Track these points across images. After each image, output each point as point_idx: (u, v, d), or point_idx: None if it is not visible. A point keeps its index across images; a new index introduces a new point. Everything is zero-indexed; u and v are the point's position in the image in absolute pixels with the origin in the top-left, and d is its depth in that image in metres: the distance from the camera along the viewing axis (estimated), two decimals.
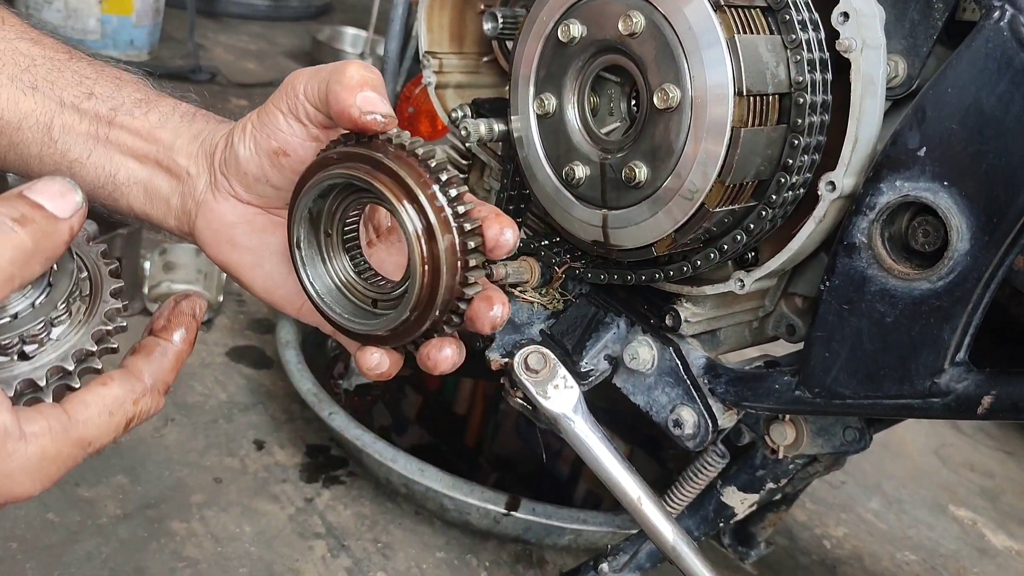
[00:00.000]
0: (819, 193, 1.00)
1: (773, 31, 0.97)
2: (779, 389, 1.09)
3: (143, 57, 4.16)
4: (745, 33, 0.95)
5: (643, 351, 1.16)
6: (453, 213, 0.72)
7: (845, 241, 0.99)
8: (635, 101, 1.09)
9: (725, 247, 1.06)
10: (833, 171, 0.99)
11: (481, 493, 1.80)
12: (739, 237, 1.05)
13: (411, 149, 0.72)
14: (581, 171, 1.10)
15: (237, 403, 2.16)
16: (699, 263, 1.09)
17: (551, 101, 1.11)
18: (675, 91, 0.97)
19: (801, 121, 0.97)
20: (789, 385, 1.08)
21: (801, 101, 0.97)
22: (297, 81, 0.77)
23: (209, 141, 0.83)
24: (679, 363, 1.14)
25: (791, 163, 0.99)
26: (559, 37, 1.07)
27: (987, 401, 0.93)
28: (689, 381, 1.14)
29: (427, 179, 0.71)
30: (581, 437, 1.09)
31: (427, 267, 0.71)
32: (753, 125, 0.96)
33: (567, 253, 1.23)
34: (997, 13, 0.88)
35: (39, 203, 0.61)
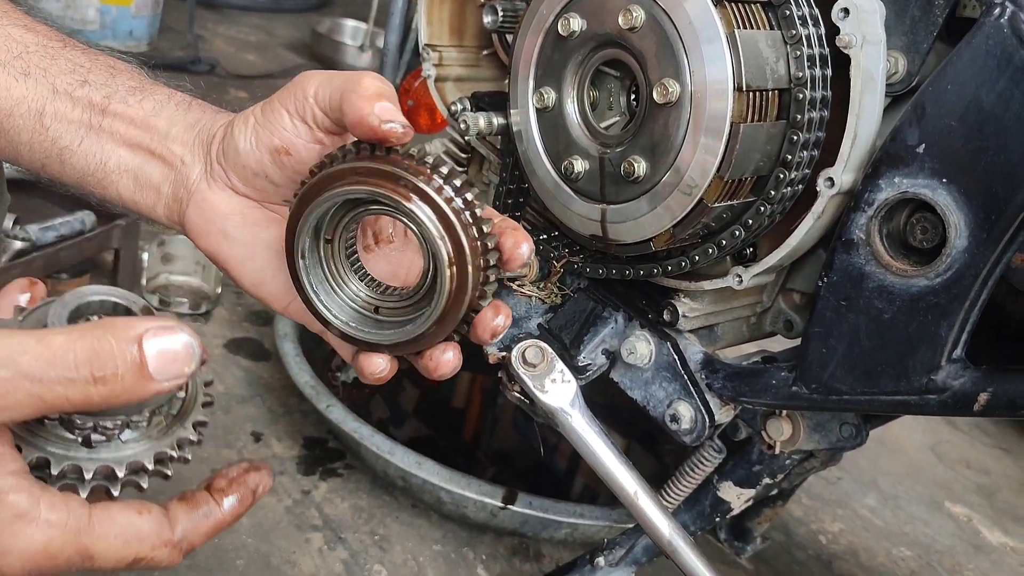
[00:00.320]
0: (818, 189, 1.00)
1: (773, 26, 0.97)
2: (776, 385, 1.09)
3: (142, 48, 4.15)
4: (745, 28, 0.95)
5: (641, 346, 1.16)
6: (479, 231, 0.73)
7: (843, 237, 0.99)
8: (635, 96, 1.08)
9: (723, 242, 1.06)
10: (832, 167, 0.99)
11: (478, 486, 1.80)
12: (737, 232, 1.05)
13: (435, 166, 0.72)
14: (580, 165, 1.10)
15: (235, 395, 2.16)
16: (697, 258, 1.09)
17: (550, 95, 1.11)
18: (675, 86, 0.97)
19: (800, 117, 0.97)
20: (786, 381, 1.08)
21: (801, 97, 0.97)
22: (308, 83, 0.76)
23: (207, 130, 0.82)
24: (677, 358, 1.15)
25: (790, 159, 0.99)
26: (559, 31, 1.07)
27: (983, 398, 0.93)
28: (686, 376, 1.14)
29: (457, 204, 0.72)
30: (578, 431, 1.09)
31: (454, 287, 0.72)
32: (752, 121, 0.96)
33: (566, 247, 1.23)
34: (997, 10, 0.88)
35: (144, 359, 0.58)
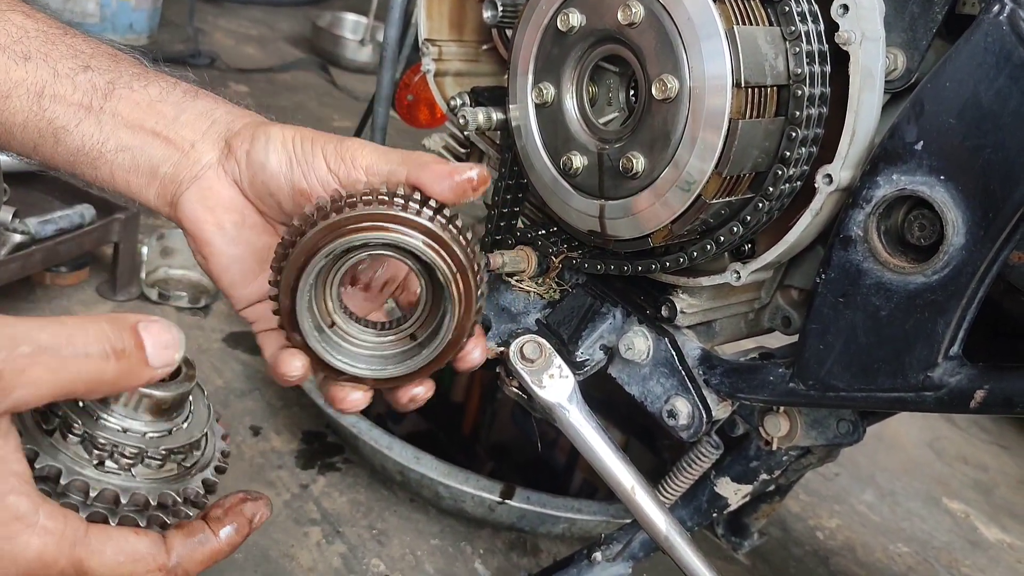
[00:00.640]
0: (816, 186, 1.00)
1: (772, 23, 0.97)
2: (774, 381, 1.09)
3: (142, 41, 4.14)
4: (744, 24, 0.95)
5: (639, 341, 1.16)
6: (465, 240, 0.76)
7: (841, 234, 0.99)
8: (633, 91, 1.08)
9: (722, 239, 1.06)
10: (830, 164, 0.99)
11: (476, 481, 1.81)
12: (736, 229, 1.05)
13: (406, 197, 0.74)
14: (579, 161, 1.10)
15: (233, 389, 2.16)
16: (695, 254, 1.09)
17: (550, 90, 1.11)
18: (673, 82, 0.97)
19: (799, 113, 0.97)
20: (784, 377, 1.08)
21: (799, 93, 0.97)
22: (358, 155, 0.78)
23: (224, 123, 0.83)
24: (674, 354, 1.15)
25: (788, 155, 0.99)
26: (558, 26, 1.07)
27: (980, 395, 0.93)
28: (684, 372, 1.14)
29: (440, 221, 0.74)
30: (576, 426, 1.09)
31: (463, 295, 0.75)
32: (751, 117, 0.96)
33: (564, 243, 1.23)
34: (997, 7, 0.88)
35: (143, 343, 0.62)
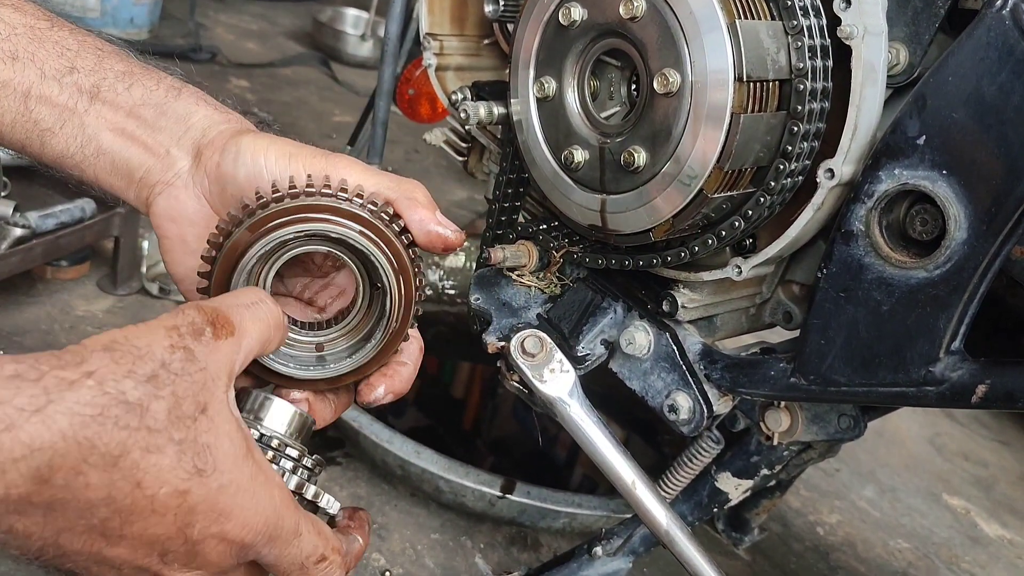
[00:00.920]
0: (818, 180, 1.00)
1: (774, 17, 0.97)
2: (775, 376, 1.09)
3: (143, 35, 4.14)
4: (746, 18, 0.95)
5: (639, 336, 1.16)
6: (400, 228, 0.79)
7: (843, 229, 0.99)
8: (635, 85, 1.08)
9: (723, 233, 1.06)
10: (832, 158, 0.99)
11: (477, 475, 1.81)
12: (737, 223, 1.05)
13: (339, 188, 0.76)
14: (580, 155, 1.10)
15: None
16: (697, 249, 1.08)
17: (551, 84, 1.11)
18: (675, 76, 0.97)
19: (801, 108, 0.97)
20: (785, 372, 1.08)
21: (801, 88, 0.97)
22: (348, 173, 0.80)
23: (199, 128, 0.83)
24: (675, 349, 1.15)
25: (790, 150, 0.99)
26: (560, 20, 1.07)
27: (981, 390, 0.93)
28: (685, 367, 1.14)
29: (371, 208, 0.77)
30: (577, 421, 1.09)
31: (403, 321, 0.79)
32: (753, 111, 0.96)
33: (565, 237, 1.23)
34: (999, 1, 0.87)
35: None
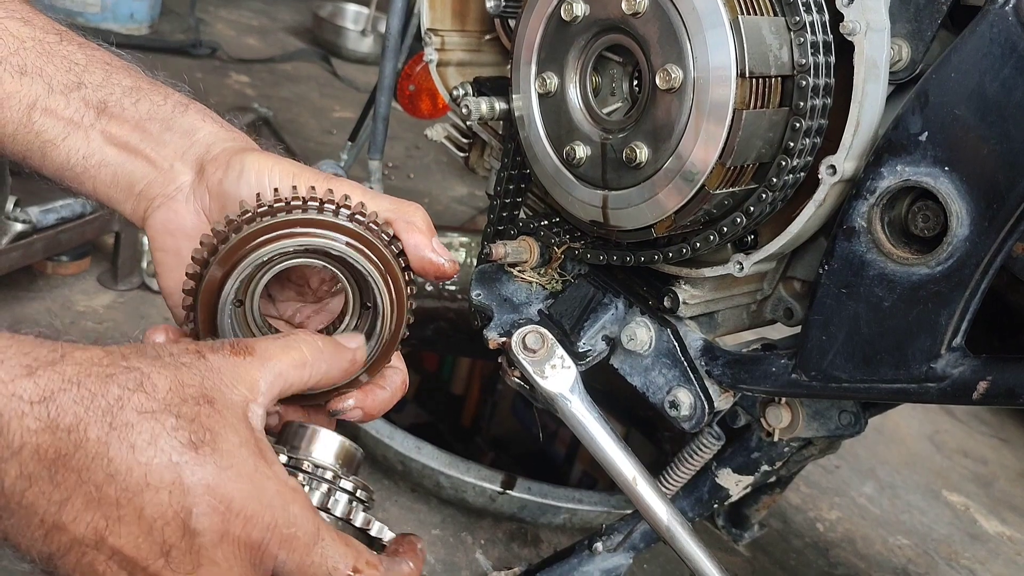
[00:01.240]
0: (820, 177, 1.00)
1: (777, 12, 0.97)
2: (776, 372, 1.09)
3: (143, 31, 4.13)
4: (749, 14, 0.94)
5: (641, 332, 1.16)
6: (388, 236, 0.79)
7: (845, 225, 0.99)
8: (637, 81, 1.08)
9: (725, 229, 1.06)
10: (834, 155, 0.99)
11: (477, 471, 1.81)
12: (739, 220, 1.05)
13: (323, 200, 0.76)
14: (582, 151, 1.10)
15: None
16: (698, 245, 1.08)
17: (553, 80, 1.11)
18: (677, 72, 0.97)
19: (803, 104, 0.97)
20: (786, 368, 1.08)
21: (803, 84, 0.96)
22: (346, 190, 0.81)
23: (204, 144, 0.83)
24: (676, 345, 1.15)
25: (792, 146, 0.99)
26: (562, 16, 1.06)
27: (982, 387, 0.93)
28: (686, 363, 1.14)
29: (360, 219, 0.77)
30: (578, 417, 1.09)
31: (393, 293, 0.79)
32: (755, 107, 0.96)
33: (567, 233, 1.23)
34: None
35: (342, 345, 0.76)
